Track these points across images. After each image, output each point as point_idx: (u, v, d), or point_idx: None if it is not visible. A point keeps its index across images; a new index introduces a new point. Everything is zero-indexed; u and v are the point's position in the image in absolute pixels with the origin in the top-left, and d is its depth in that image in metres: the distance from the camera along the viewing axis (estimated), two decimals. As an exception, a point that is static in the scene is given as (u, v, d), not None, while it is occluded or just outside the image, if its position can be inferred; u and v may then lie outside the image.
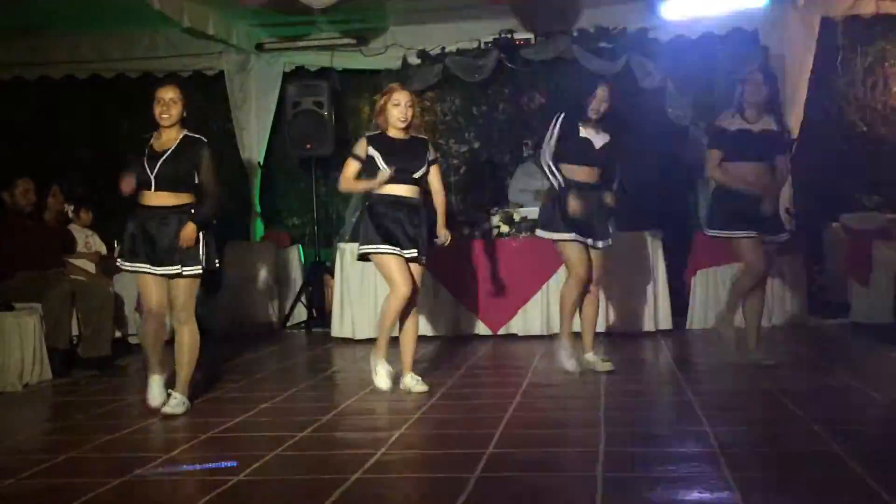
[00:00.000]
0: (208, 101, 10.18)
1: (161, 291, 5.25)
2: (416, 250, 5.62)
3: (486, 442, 4.24)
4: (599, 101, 6.07)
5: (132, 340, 8.19)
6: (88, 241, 7.98)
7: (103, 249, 8.08)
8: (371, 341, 7.73)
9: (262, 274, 9.20)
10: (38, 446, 4.72)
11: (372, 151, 5.68)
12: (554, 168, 6.06)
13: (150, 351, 5.36)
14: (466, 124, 10.06)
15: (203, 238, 5.19)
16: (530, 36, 9.23)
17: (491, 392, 5.68)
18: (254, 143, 9.88)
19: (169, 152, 5.21)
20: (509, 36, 9.21)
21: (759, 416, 4.79)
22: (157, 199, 5.18)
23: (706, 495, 3.40)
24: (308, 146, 9.29)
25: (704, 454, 3.94)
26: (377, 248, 5.61)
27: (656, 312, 7.95)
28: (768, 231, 6.12)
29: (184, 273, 5.16)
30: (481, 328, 8.09)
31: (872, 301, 7.93)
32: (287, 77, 9.80)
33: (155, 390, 5.34)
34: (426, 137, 5.98)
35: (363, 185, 5.82)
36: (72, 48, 9.73)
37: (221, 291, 8.90)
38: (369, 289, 8.06)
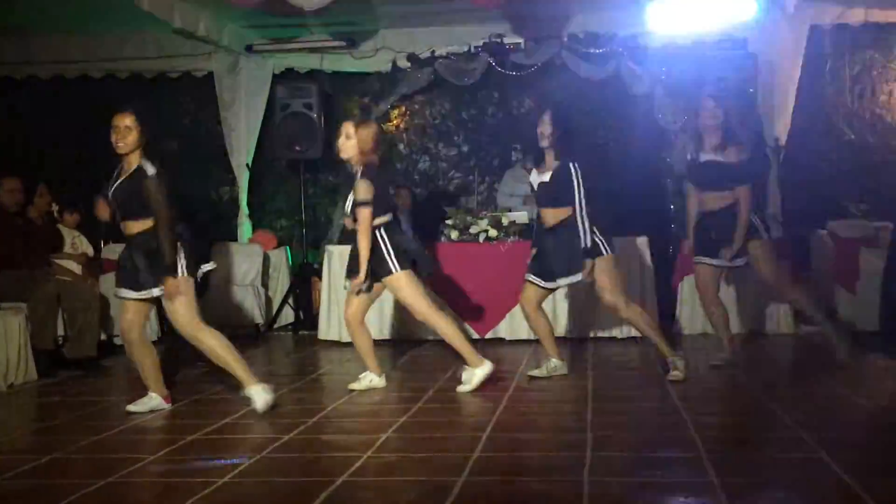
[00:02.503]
0: (197, 102, 10.19)
1: (138, 313, 5.27)
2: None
3: (472, 446, 4.24)
4: (543, 126, 5.97)
5: (118, 342, 8.16)
6: (75, 241, 7.95)
7: (90, 250, 8.05)
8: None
9: (250, 275, 9.18)
10: (22, 447, 4.70)
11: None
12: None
13: (147, 374, 5.37)
14: (456, 128, 10.07)
15: (180, 251, 5.13)
16: (520, 40, 9.24)
17: (478, 396, 5.68)
18: (242, 145, 9.87)
19: (120, 181, 5.21)
20: (499, 40, 9.22)
21: (745, 422, 4.80)
22: (124, 226, 5.23)
23: (691, 500, 3.40)
24: (297, 148, 9.27)
25: (690, 459, 3.94)
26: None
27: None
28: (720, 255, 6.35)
29: (129, 296, 5.19)
30: (469, 332, 8.08)
31: (859, 308, 7.96)
32: (276, 79, 9.79)
33: (147, 405, 5.34)
34: (361, 171, 5.76)
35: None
36: (60, 48, 9.71)
37: (208, 293, 8.88)
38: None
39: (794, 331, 7.94)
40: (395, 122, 10.10)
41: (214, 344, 5.20)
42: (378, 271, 5.73)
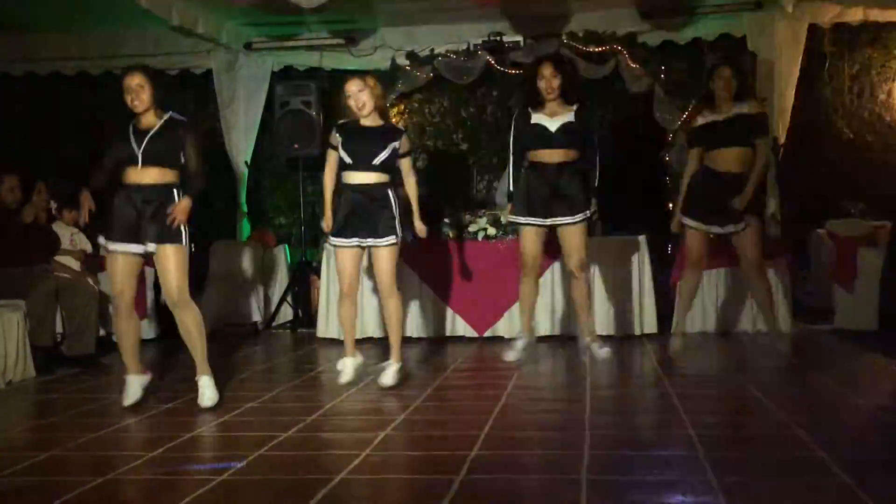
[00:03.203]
0: (196, 99, 10.18)
1: (129, 273, 5.27)
2: (374, 238, 5.72)
3: (470, 444, 4.24)
4: (547, 80, 6.12)
5: (116, 339, 8.16)
6: (73, 238, 7.94)
7: (88, 247, 8.04)
8: (357, 342, 7.75)
9: (248, 273, 9.18)
10: (21, 444, 4.69)
11: (337, 138, 5.84)
12: (512, 167, 6.33)
13: (125, 348, 5.40)
14: (454, 126, 10.07)
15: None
16: (519, 39, 9.24)
17: (476, 394, 5.68)
18: (241, 143, 9.87)
19: (154, 130, 5.25)
20: (498, 38, 9.22)
21: (743, 421, 4.80)
22: (143, 175, 5.21)
23: (689, 499, 3.40)
24: (295, 146, 9.27)
25: (688, 458, 3.95)
26: (333, 241, 5.83)
27: (642, 316, 7.96)
28: (727, 221, 6.28)
29: (166, 247, 5.17)
30: (466, 330, 8.09)
31: (857, 307, 7.97)
32: (275, 77, 9.80)
33: (130, 390, 5.37)
34: (403, 129, 6.01)
35: (326, 201, 5.97)
36: (59, 45, 9.71)
37: (206, 290, 8.89)
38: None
39: (791, 329, 7.95)
40: (394, 120, 10.09)
41: (193, 319, 5.29)
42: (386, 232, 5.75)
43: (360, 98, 5.74)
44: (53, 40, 9.65)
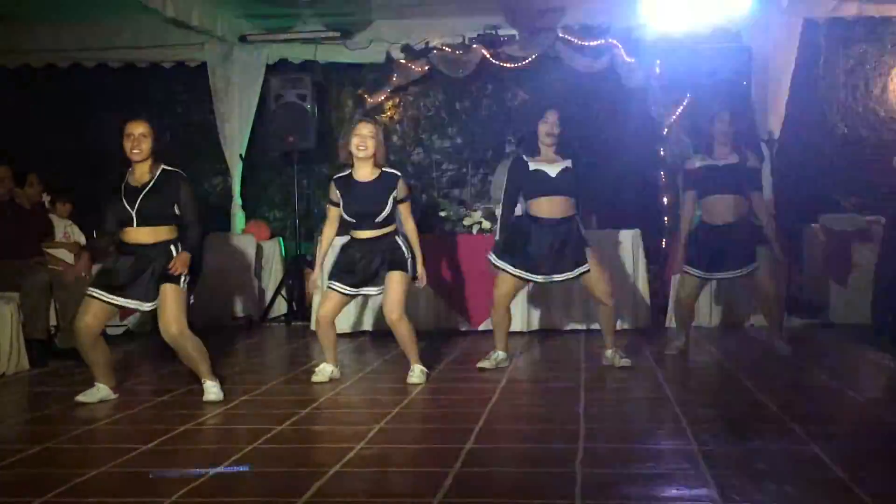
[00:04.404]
0: (190, 92, 10.16)
1: (101, 318, 5.25)
2: (375, 287, 5.83)
3: (465, 437, 4.24)
4: (551, 126, 6.04)
5: (110, 332, 8.15)
6: (67, 231, 7.92)
7: (82, 240, 8.03)
8: (349, 336, 7.75)
9: (243, 266, 9.17)
10: (14, 437, 4.68)
11: (337, 195, 5.82)
12: (503, 214, 6.20)
13: (92, 363, 5.35)
14: (449, 120, 10.07)
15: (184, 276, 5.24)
16: (515, 32, 9.24)
17: (470, 387, 5.68)
18: (236, 135, 9.84)
19: (148, 187, 5.22)
20: (494, 32, 9.22)
21: (738, 415, 4.81)
22: (138, 235, 5.21)
23: (684, 492, 3.41)
24: (290, 139, 9.26)
25: (683, 451, 3.95)
26: (331, 284, 5.85)
27: (636, 311, 7.97)
28: (732, 267, 6.43)
29: (165, 287, 5.18)
30: (462, 323, 8.09)
31: (851, 302, 7.99)
32: (270, 69, 9.78)
33: (95, 392, 5.36)
34: (397, 173, 5.86)
35: (318, 257, 6.05)
36: (53, 37, 9.68)
37: (200, 283, 8.86)
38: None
39: (785, 324, 7.95)
40: (388, 113, 10.08)
41: (193, 346, 5.27)
42: (394, 268, 5.77)
43: (369, 143, 5.72)
44: (48, 32, 9.62)
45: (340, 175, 5.88)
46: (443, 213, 8.38)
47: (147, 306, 5.22)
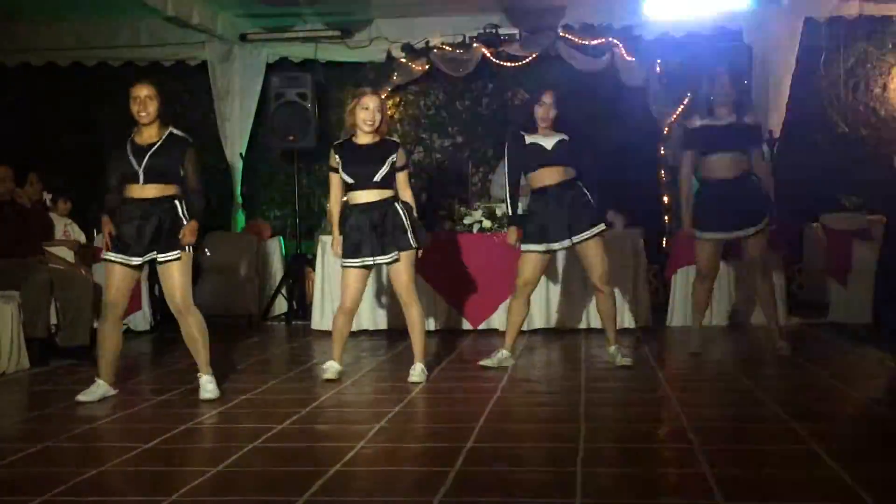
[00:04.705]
0: (190, 91, 10.16)
1: (125, 284, 5.34)
2: (386, 255, 5.77)
3: (466, 436, 4.24)
4: (547, 108, 6.10)
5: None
6: (67, 229, 7.92)
7: (82, 238, 8.03)
8: (349, 335, 7.74)
9: (243, 265, 9.17)
10: (14, 435, 4.68)
11: (336, 160, 5.85)
12: (509, 191, 6.19)
13: (103, 354, 5.40)
14: (450, 119, 10.08)
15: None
16: (515, 31, 9.24)
17: (471, 386, 5.68)
18: (236, 134, 9.85)
19: (156, 146, 5.31)
20: (494, 31, 9.22)
21: (737, 414, 4.81)
22: (144, 191, 5.28)
23: (684, 491, 3.41)
24: (290, 138, 9.26)
25: (683, 450, 3.95)
26: (343, 262, 5.86)
27: (636, 309, 7.97)
28: (746, 223, 6.29)
29: (166, 259, 5.26)
30: (462, 323, 8.09)
31: (851, 301, 7.98)
32: (270, 68, 9.78)
33: (94, 390, 5.37)
34: (398, 141, 6.01)
35: (335, 225, 5.95)
36: (53, 36, 9.68)
37: (201, 282, 8.87)
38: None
39: (785, 322, 7.96)
40: (389, 112, 10.07)
41: (197, 325, 5.35)
42: (400, 244, 5.78)
43: (376, 116, 5.78)
44: (48, 31, 9.62)
45: (339, 141, 6.01)
46: (443, 212, 8.38)
47: (161, 257, 5.27)
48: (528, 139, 6.14)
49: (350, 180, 5.81)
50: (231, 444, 4.22)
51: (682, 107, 8.91)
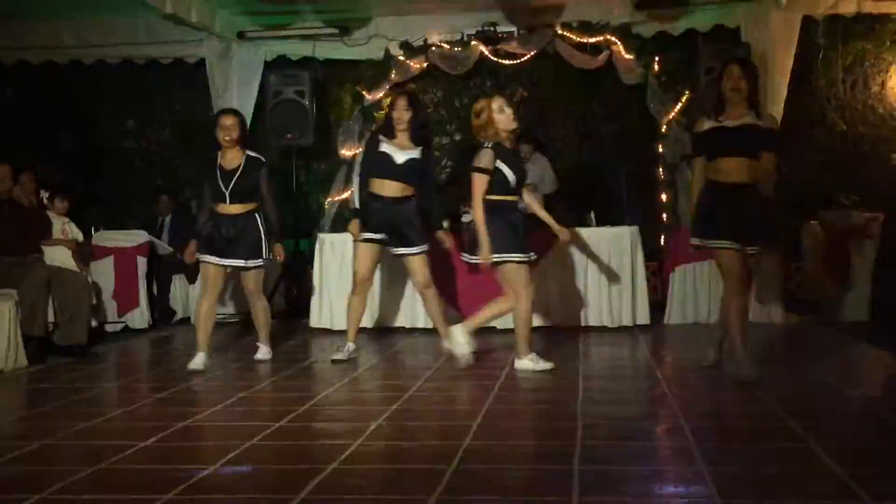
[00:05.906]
0: (189, 88, 10.15)
1: (219, 280, 6.36)
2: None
3: (463, 434, 4.24)
4: (400, 111, 6.35)
5: (109, 328, 8.15)
6: (65, 228, 7.91)
7: (80, 237, 8.01)
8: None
9: (241, 263, 9.14)
10: (12, 433, 4.68)
11: (499, 163, 5.88)
12: (359, 186, 6.47)
13: (200, 328, 6.26)
14: (449, 117, 10.07)
15: (265, 243, 6.37)
16: (513, 29, 9.23)
17: (468, 385, 5.68)
18: (234, 132, 9.82)
19: (239, 171, 6.25)
20: (492, 29, 9.21)
21: (735, 412, 4.81)
22: (231, 208, 6.27)
23: (681, 489, 3.41)
24: (289, 136, 9.25)
25: (680, 449, 3.95)
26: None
27: (634, 308, 7.96)
28: (747, 238, 5.54)
29: (249, 266, 6.35)
30: (460, 321, 8.06)
31: (849, 299, 7.99)
32: (268, 66, 9.77)
33: (198, 360, 6.17)
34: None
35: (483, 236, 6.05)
36: (51, 34, 9.67)
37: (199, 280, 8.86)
38: (348, 280, 8.01)
39: (783, 321, 7.97)
40: (387, 110, 10.06)
41: (264, 308, 6.61)
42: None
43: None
44: (47, 29, 9.61)
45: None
46: (441, 210, 8.35)
47: (250, 264, 6.33)
48: (383, 146, 6.37)
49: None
50: (228, 441, 4.22)
51: (680, 104, 8.90)
